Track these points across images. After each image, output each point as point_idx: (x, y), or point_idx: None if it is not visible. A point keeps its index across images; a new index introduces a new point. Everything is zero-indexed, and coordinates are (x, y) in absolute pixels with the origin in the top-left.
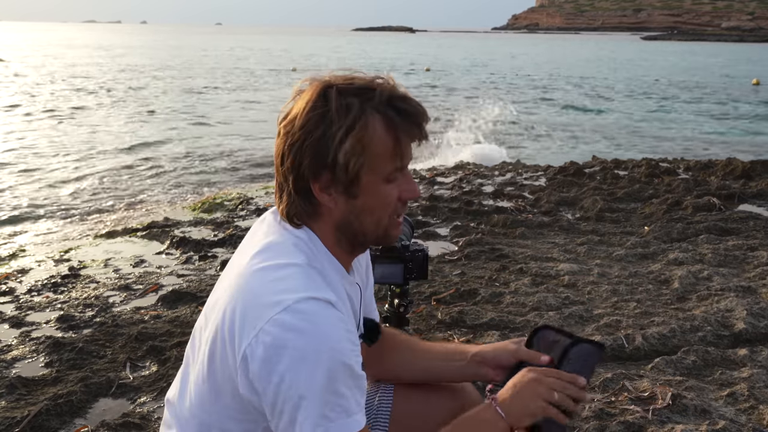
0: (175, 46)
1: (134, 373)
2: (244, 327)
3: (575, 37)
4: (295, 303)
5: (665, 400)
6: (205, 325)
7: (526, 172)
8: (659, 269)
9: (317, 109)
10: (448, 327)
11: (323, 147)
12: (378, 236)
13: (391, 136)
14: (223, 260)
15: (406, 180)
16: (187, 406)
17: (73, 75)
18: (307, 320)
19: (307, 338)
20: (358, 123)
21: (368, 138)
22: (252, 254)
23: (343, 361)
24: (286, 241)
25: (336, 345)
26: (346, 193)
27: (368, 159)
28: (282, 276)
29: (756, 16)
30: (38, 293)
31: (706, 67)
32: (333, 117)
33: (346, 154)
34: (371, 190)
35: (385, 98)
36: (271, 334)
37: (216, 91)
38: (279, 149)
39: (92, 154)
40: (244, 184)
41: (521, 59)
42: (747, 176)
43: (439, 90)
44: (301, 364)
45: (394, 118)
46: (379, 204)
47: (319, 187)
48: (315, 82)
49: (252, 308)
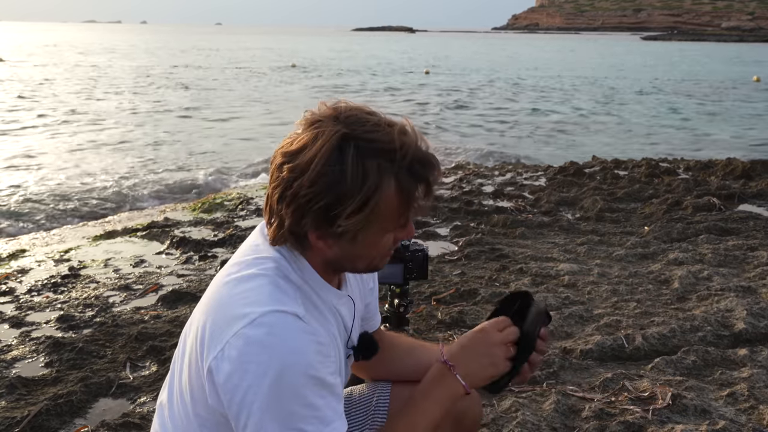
0: (189, 47)
1: (134, 373)
2: (212, 340)
3: (576, 37)
4: (260, 316)
5: (665, 400)
6: (188, 334)
7: (526, 172)
8: (659, 269)
9: (332, 170)
10: (448, 327)
11: (331, 213)
12: (366, 271)
13: (402, 199)
14: (222, 260)
15: (409, 227)
16: (175, 414)
17: (95, 77)
18: (272, 334)
19: (272, 352)
20: (373, 195)
21: (381, 207)
22: (229, 265)
23: (310, 374)
24: (263, 253)
25: (302, 359)
26: (345, 242)
27: (376, 223)
28: (249, 288)
29: (756, 16)
30: (38, 293)
31: (707, 65)
32: (348, 184)
33: (355, 223)
34: (370, 242)
35: (405, 163)
36: (236, 349)
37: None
38: (276, 188)
39: (93, 154)
40: (244, 183)
41: (523, 59)
42: (747, 176)
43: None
44: (264, 379)
45: (409, 184)
46: (375, 251)
47: (316, 236)
48: (332, 126)
49: (219, 321)
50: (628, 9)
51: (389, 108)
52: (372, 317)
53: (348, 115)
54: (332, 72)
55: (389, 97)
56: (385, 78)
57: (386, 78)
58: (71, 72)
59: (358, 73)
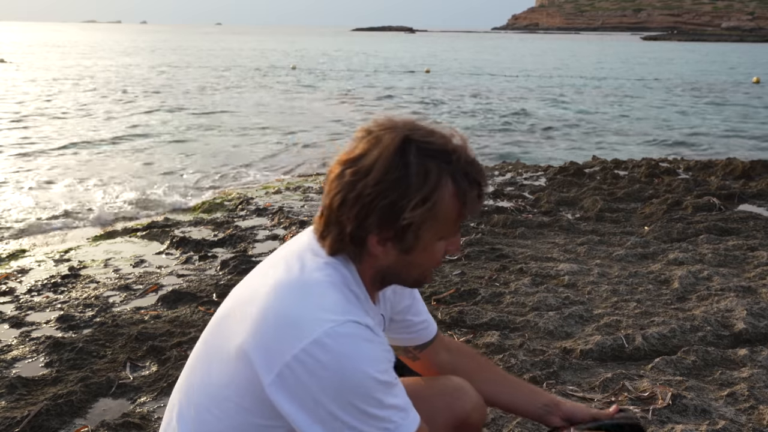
0: (197, 46)
1: (134, 373)
2: (279, 341)
3: (576, 36)
4: (336, 325)
5: (665, 400)
6: (231, 332)
7: (526, 172)
8: (659, 269)
9: (395, 170)
10: (448, 327)
11: (396, 210)
12: (414, 284)
13: (458, 203)
14: (222, 260)
15: (457, 238)
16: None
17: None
18: (348, 345)
19: (348, 363)
20: (434, 192)
21: (440, 206)
22: (289, 267)
23: (380, 380)
24: (323, 261)
25: (375, 368)
26: (402, 249)
27: (434, 223)
28: (320, 294)
29: (756, 16)
30: (38, 293)
31: (707, 65)
32: (411, 182)
33: (418, 221)
34: (426, 249)
35: (461, 166)
36: (311, 355)
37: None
38: (339, 193)
39: (93, 153)
40: (244, 183)
41: (527, 59)
42: (747, 176)
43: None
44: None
45: (465, 187)
46: (428, 260)
47: (376, 240)
48: (391, 132)
49: (288, 324)
50: (628, 9)
51: (390, 108)
52: (426, 327)
53: (404, 123)
54: (333, 73)
55: (389, 98)
56: (385, 78)
57: (386, 78)
58: (81, 72)
59: (358, 73)
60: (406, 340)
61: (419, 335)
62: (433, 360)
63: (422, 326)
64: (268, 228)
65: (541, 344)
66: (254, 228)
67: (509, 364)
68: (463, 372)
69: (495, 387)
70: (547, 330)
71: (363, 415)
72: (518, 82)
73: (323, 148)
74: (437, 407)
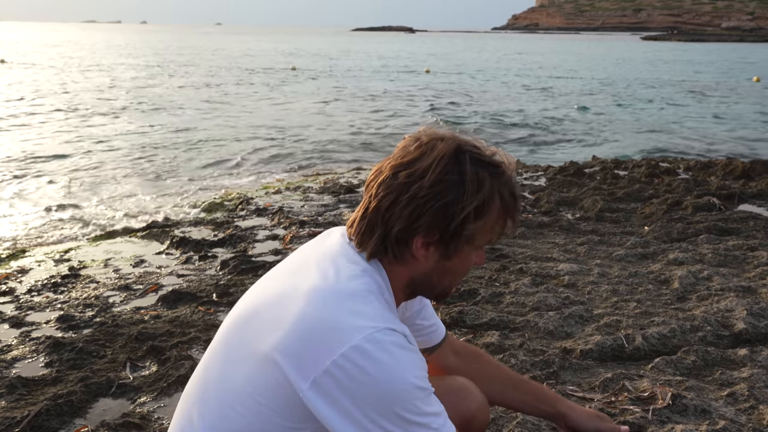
0: (202, 47)
1: (134, 373)
2: (320, 346)
3: (576, 36)
4: (376, 332)
5: (665, 400)
6: (255, 332)
7: (526, 172)
8: (659, 269)
9: (451, 174)
10: (448, 327)
11: (449, 212)
12: (440, 294)
13: (502, 217)
14: (222, 260)
15: (482, 251)
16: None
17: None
18: (387, 351)
19: (387, 370)
20: (487, 201)
21: (490, 216)
22: (324, 270)
23: (419, 386)
24: (360, 267)
25: (414, 374)
26: (444, 254)
27: (481, 233)
28: (359, 300)
29: (756, 16)
30: (38, 293)
31: (706, 65)
32: (467, 188)
33: (471, 227)
34: (464, 257)
35: (509, 180)
36: (351, 361)
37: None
38: (390, 194)
39: (94, 153)
40: (244, 182)
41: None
42: (747, 176)
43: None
44: (381, 394)
45: (509, 202)
46: (462, 268)
47: (422, 242)
48: (443, 141)
49: (327, 330)
50: (628, 9)
51: (391, 107)
52: (435, 330)
53: (452, 134)
54: (334, 74)
55: (390, 97)
56: (386, 78)
57: (387, 78)
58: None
59: (358, 73)
60: (416, 343)
61: (429, 338)
62: (441, 363)
63: (431, 329)
64: (268, 228)
65: (541, 344)
66: (254, 228)
67: (509, 364)
68: (472, 374)
69: (504, 388)
70: (547, 330)
71: (403, 422)
72: (518, 81)
73: (323, 148)
74: (445, 405)
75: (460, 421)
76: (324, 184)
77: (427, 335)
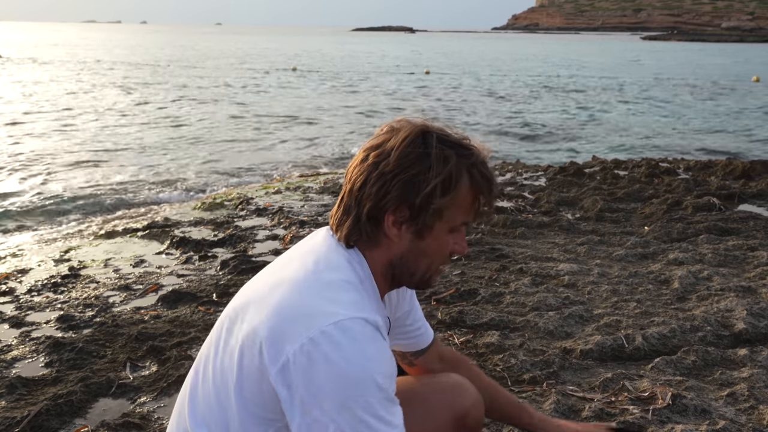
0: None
1: (134, 373)
2: (288, 332)
3: (576, 36)
4: (346, 319)
5: (665, 400)
6: (241, 322)
7: (526, 172)
8: (659, 269)
9: (416, 149)
10: (448, 327)
11: (415, 186)
12: (421, 280)
13: (472, 195)
14: (222, 260)
15: (461, 236)
16: (212, 400)
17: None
18: (355, 340)
19: (351, 358)
20: (453, 176)
21: (457, 192)
22: (305, 262)
23: (380, 385)
24: (340, 258)
25: (377, 368)
26: (415, 232)
27: (449, 210)
28: (336, 289)
29: (756, 16)
30: (38, 293)
31: (706, 65)
32: (432, 162)
33: (436, 201)
34: (437, 237)
35: (476, 160)
36: (317, 345)
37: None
38: (361, 175)
39: (93, 153)
40: (244, 183)
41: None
42: (747, 176)
43: None
44: (341, 381)
45: (479, 180)
46: (437, 250)
47: (393, 220)
48: (412, 125)
49: (299, 316)
50: (628, 9)
51: (394, 107)
52: (422, 333)
53: (422, 121)
54: (333, 73)
55: (391, 97)
56: (386, 78)
57: (386, 78)
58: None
59: (359, 73)
60: (404, 345)
61: (417, 341)
62: (428, 367)
63: (419, 332)
64: (268, 228)
65: (541, 344)
66: (254, 228)
67: (509, 364)
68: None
69: (485, 397)
70: (547, 330)
71: (353, 419)
72: (518, 81)
73: (324, 148)
74: (437, 405)
75: (455, 418)
76: (324, 184)
77: (414, 338)
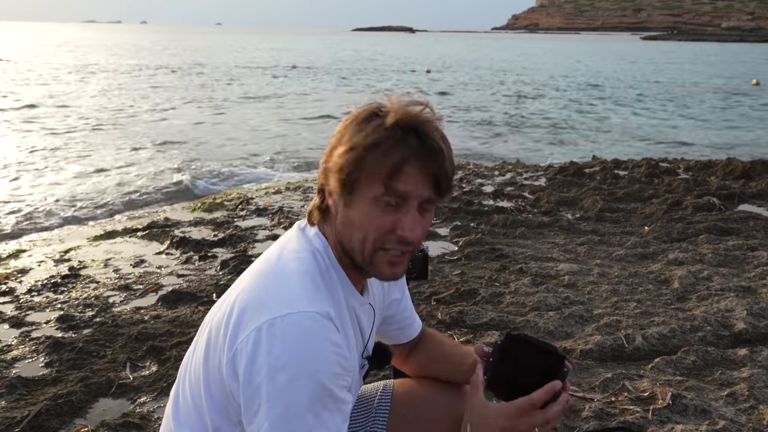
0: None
1: (134, 373)
2: (241, 324)
3: (576, 36)
4: (297, 314)
5: (665, 400)
6: (215, 315)
7: (526, 172)
8: (659, 269)
9: (346, 125)
10: (448, 327)
11: (333, 154)
12: (364, 261)
13: (391, 158)
14: (222, 260)
15: (406, 217)
16: (187, 395)
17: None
18: (300, 333)
19: (295, 352)
20: (366, 137)
21: (368, 152)
22: (271, 255)
23: (322, 383)
24: (303, 249)
25: (323, 366)
26: (344, 201)
27: (363, 174)
28: (289, 282)
29: (756, 16)
30: (38, 293)
31: (705, 66)
32: (351, 129)
33: (342, 160)
34: (359, 206)
35: (403, 122)
36: (261, 337)
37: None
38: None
39: (94, 153)
40: (245, 184)
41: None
42: (747, 176)
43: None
44: (281, 375)
45: (403, 142)
46: (364, 222)
47: (327, 190)
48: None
49: (253, 307)
50: (628, 9)
51: None
52: (410, 324)
53: (391, 98)
54: (333, 73)
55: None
56: (386, 78)
57: (387, 78)
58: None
59: (358, 73)
60: (394, 337)
61: (402, 332)
62: (421, 362)
63: (407, 322)
64: (268, 228)
65: None
66: (254, 228)
67: None
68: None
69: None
70: (547, 330)
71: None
72: (517, 80)
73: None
74: (439, 407)
75: (453, 421)
76: None
77: (401, 329)
